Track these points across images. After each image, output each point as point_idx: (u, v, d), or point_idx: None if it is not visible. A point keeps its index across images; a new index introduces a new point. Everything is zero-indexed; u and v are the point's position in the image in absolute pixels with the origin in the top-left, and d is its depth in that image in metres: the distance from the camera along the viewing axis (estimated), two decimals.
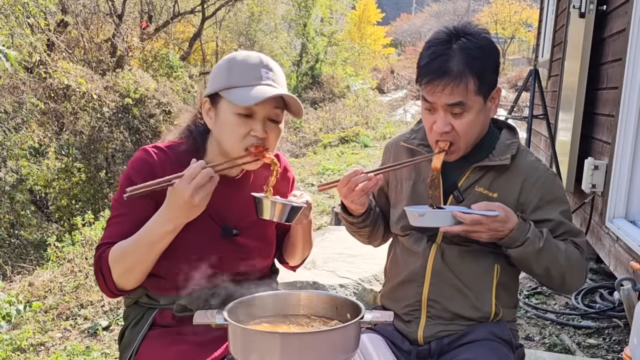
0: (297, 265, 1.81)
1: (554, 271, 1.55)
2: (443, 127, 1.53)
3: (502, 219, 1.46)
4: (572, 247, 1.57)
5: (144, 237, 1.43)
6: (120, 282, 1.47)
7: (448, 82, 1.48)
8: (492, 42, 1.56)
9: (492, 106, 1.60)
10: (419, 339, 1.65)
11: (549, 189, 1.61)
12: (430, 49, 1.53)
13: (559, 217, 1.59)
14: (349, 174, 1.56)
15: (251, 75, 1.49)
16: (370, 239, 1.82)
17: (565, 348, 3.06)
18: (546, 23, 7.41)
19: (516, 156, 1.62)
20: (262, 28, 18.84)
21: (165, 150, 1.59)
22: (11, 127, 7.94)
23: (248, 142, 1.50)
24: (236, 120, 1.48)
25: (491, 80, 1.54)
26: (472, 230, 1.47)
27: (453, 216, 1.46)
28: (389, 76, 24.60)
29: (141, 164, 1.54)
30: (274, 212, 1.46)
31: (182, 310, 1.55)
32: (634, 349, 1.86)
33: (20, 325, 3.91)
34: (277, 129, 1.55)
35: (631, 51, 3.13)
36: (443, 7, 40.55)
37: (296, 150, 11.71)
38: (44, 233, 8.20)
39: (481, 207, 1.48)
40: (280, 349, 1.19)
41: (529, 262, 1.54)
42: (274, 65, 1.55)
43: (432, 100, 1.53)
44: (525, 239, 1.49)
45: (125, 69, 9.97)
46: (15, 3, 7.56)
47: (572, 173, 4.08)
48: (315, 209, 6.30)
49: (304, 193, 1.58)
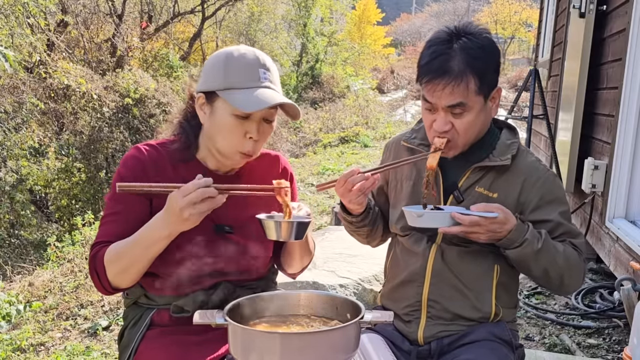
0: (297, 273, 1.78)
1: (552, 272, 1.55)
2: (443, 127, 1.53)
3: (501, 220, 1.46)
4: (571, 249, 1.57)
5: (141, 239, 1.43)
6: (115, 281, 1.47)
7: (449, 81, 1.48)
8: (493, 42, 1.56)
9: (493, 106, 1.60)
10: (419, 339, 1.65)
11: (549, 189, 1.61)
12: (430, 48, 1.53)
13: (558, 218, 1.59)
14: (346, 174, 1.55)
15: (250, 76, 1.48)
16: (369, 238, 1.82)
17: (565, 348, 3.06)
18: (546, 23, 7.41)
19: (516, 156, 1.62)
20: (262, 28, 18.83)
21: (158, 147, 1.59)
22: (11, 127, 7.94)
23: (243, 147, 1.50)
24: (233, 122, 1.49)
25: (492, 80, 1.54)
26: (471, 231, 1.47)
27: (451, 217, 1.46)
28: (389, 76, 24.60)
29: (133, 162, 1.55)
30: (280, 232, 1.43)
31: (179, 312, 1.55)
32: (634, 349, 1.86)
33: (20, 325, 3.91)
34: (270, 129, 1.56)
35: (631, 51, 3.13)
36: (443, 7, 40.56)
37: (296, 150, 11.71)
38: (44, 233, 8.20)
39: (480, 208, 1.47)
40: (280, 349, 1.19)
41: (528, 263, 1.54)
42: (270, 63, 1.54)
43: (433, 101, 1.52)
44: (523, 240, 1.49)
45: (125, 69, 9.96)
46: (15, 3, 7.56)
47: (572, 173, 4.08)
48: (315, 209, 6.30)
49: (301, 204, 1.56)
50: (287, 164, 1.77)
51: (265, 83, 1.49)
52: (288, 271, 1.77)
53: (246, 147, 1.51)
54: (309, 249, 1.71)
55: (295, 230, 1.43)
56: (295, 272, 1.77)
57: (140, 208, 1.51)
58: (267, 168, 1.71)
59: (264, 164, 1.70)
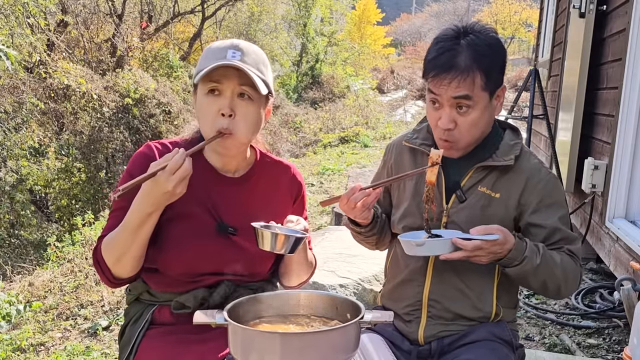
0: (294, 287, 1.76)
1: (550, 284, 1.55)
2: (448, 124, 1.53)
3: (501, 242, 1.45)
4: (567, 258, 1.57)
5: (127, 223, 1.44)
6: (115, 270, 1.49)
7: (455, 75, 1.48)
8: (499, 41, 1.56)
9: (497, 104, 1.59)
10: (419, 339, 1.65)
11: (550, 192, 1.60)
12: (438, 44, 1.53)
13: (556, 223, 1.59)
14: (348, 192, 1.54)
15: (217, 56, 1.49)
16: (377, 245, 1.81)
17: (565, 348, 3.06)
18: (546, 23, 7.41)
19: (519, 157, 1.62)
20: (262, 28, 18.82)
21: (168, 146, 1.61)
22: (11, 127, 7.94)
23: (219, 124, 1.49)
24: (205, 100, 1.50)
25: (497, 78, 1.54)
26: (473, 255, 1.45)
27: (453, 243, 1.44)
28: (389, 76, 24.57)
29: (141, 159, 1.56)
30: (275, 244, 1.43)
31: (180, 308, 1.55)
32: (634, 349, 1.86)
33: (20, 325, 3.91)
34: (249, 106, 1.52)
35: (631, 51, 3.13)
36: (443, 7, 40.55)
37: (296, 150, 11.70)
38: (44, 233, 8.20)
39: (479, 230, 1.46)
40: (280, 349, 1.19)
41: (527, 278, 1.54)
42: (246, 47, 1.53)
43: (438, 93, 1.52)
44: (523, 258, 1.49)
45: (125, 69, 9.96)
46: (15, 3, 7.56)
47: (572, 173, 4.08)
48: (315, 209, 6.29)
49: (300, 219, 1.56)
50: (298, 174, 1.76)
51: (232, 61, 1.47)
52: (284, 283, 1.76)
53: (221, 123, 1.49)
54: (307, 265, 1.71)
55: (290, 245, 1.43)
56: (292, 285, 1.75)
57: None
58: (276, 175, 1.71)
59: (274, 170, 1.71)
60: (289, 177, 1.72)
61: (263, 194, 1.66)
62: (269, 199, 1.66)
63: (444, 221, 1.62)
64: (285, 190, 1.71)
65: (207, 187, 1.59)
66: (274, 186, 1.69)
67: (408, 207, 1.68)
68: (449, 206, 1.63)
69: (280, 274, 1.74)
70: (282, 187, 1.70)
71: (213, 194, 1.59)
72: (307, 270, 1.73)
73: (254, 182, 1.65)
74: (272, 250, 1.44)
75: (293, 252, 1.47)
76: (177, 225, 1.55)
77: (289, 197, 1.71)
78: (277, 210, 1.65)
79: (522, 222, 1.61)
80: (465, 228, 1.57)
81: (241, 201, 1.62)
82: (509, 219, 1.60)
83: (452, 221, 1.61)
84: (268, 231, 1.43)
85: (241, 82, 1.49)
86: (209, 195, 1.59)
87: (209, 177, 1.61)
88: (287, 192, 1.71)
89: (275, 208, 1.66)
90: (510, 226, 1.61)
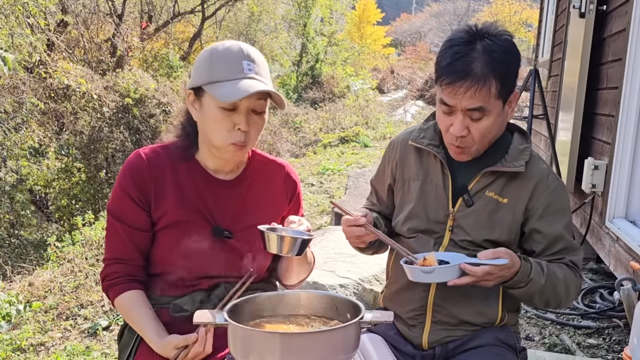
0: (294, 285, 1.76)
1: (553, 300, 1.56)
2: (460, 131, 1.49)
3: (509, 266, 1.44)
4: (569, 272, 1.56)
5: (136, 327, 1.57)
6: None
7: (471, 84, 1.43)
8: (515, 45, 1.51)
9: (509, 110, 1.55)
10: (423, 343, 1.63)
11: (556, 199, 1.58)
12: (452, 48, 1.47)
13: (560, 231, 1.57)
14: (350, 220, 1.53)
15: (233, 68, 1.48)
16: (376, 254, 1.79)
17: (565, 348, 3.06)
18: (546, 23, 7.40)
19: (529, 162, 1.58)
20: (262, 28, 18.82)
21: (159, 151, 1.61)
22: (11, 127, 7.94)
23: (234, 138, 1.50)
24: (220, 114, 1.49)
25: (511, 84, 1.50)
26: (482, 279, 1.44)
27: (461, 269, 1.42)
28: (389, 76, 24.54)
29: (130, 170, 1.58)
30: (282, 247, 1.42)
31: (178, 311, 1.56)
32: (634, 349, 1.86)
33: (20, 325, 3.91)
34: (261, 120, 1.56)
35: (631, 51, 3.12)
36: (443, 7, 40.50)
37: (296, 150, 11.68)
38: (44, 233, 8.21)
39: (488, 255, 1.43)
40: (280, 349, 1.19)
41: (532, 298, 1.54)
42: (255, 55, 1.53)
43: (452, 104, 1.47)
44: (529, 280, 1.48)
45: (125, 69, 9.95)
46: (15, 3, 7.55)
47: (572, 173, 4.08)
48: (315, 209, 6.29)
49: (302, 219, 1.56)
50: (292, 172, 1.75)
51: (249, 74, 1.48)
52: (284, 283, 1.76)
53: (236, 138, 1.50)
54: (307, 264, 1.71)
55: (297, 247, 1.43)
56: (292, 284, 1.75)
57: (138, 219, 1.56)
58: (271, 175, 1.70)
59: (268, 170, 1.70)
60: (284, 176, 1.72)
61: (258, 195, 1.65)
62: (264, 200, 1.66)
63: (449, 224, 1.60)
64: (280, 190, 1.70)
65: (201, 191, 1.59)
66: (268, 186, 1.68)
67: (413, 209, 1.64)
68: (455, 210, 1.60)
69: (280, 273, 1.74)
70: (277, 187, 1.70)
71: (207, 198, 1.59)
72: (307, 269, 1.73)
73: (248, 184, 1.65)
74: (280, 252, 1.44)
75: (300, 254, 1.46)
76: (173, 231, 1.55)
77: (284, 197, 1.71)
78: (272, 211, 1.65)
79: (527, 227, 1.59)
80: (472, 232, 1.56)
81: (236, 204, 1.61)
82: (516, 224, 1.58)
83: (458, 225, 1.59)
84: (275, 234, 1.43)
85: (259, 97, 1.50)
86: (203, 199, 1.59)
87: (203, 181, 1.60)
88: (282, 192, 1.71)
89: (270, 208, 1.66)
90: (517, 232, 1.59)
